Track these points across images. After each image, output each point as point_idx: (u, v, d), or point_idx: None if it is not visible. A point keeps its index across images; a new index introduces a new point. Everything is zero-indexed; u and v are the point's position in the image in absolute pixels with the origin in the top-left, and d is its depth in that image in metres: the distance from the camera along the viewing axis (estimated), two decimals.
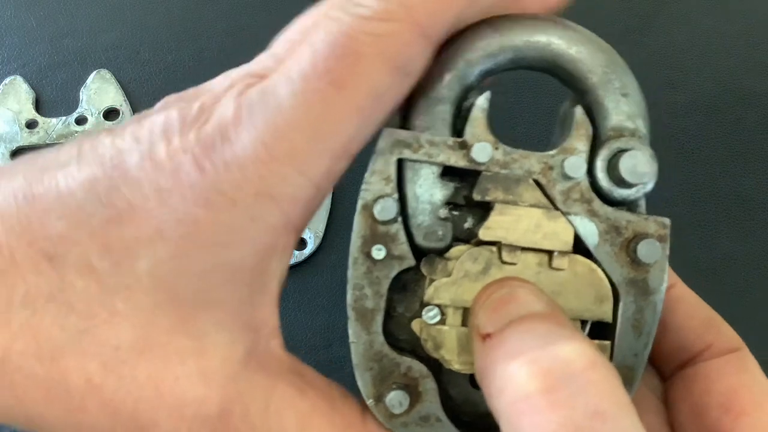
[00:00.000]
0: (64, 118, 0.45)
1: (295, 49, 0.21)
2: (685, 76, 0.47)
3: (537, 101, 0.44)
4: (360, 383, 0.23)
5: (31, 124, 0.44)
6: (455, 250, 0.24)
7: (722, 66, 0.47)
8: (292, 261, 0.42)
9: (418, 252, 0.23)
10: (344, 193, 0.43)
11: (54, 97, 0.46)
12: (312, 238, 0.42)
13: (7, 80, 0.45)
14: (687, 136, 0.45)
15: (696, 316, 0.25)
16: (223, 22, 0.47)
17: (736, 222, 0.43)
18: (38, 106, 0.45)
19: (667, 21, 0.47)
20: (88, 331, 0.20)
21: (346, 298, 0.23)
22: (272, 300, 0.22)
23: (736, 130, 0.46)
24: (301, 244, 0.42)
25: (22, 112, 0.45)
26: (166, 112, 0.21)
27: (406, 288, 0.24)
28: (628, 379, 0.23)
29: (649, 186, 0.24)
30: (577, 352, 0.18)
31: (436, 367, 0.24)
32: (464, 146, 0.23)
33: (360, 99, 0.20)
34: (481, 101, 0.24)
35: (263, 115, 0.20)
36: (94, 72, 0.45)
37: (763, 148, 0.45)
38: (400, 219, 0.23)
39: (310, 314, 0.41)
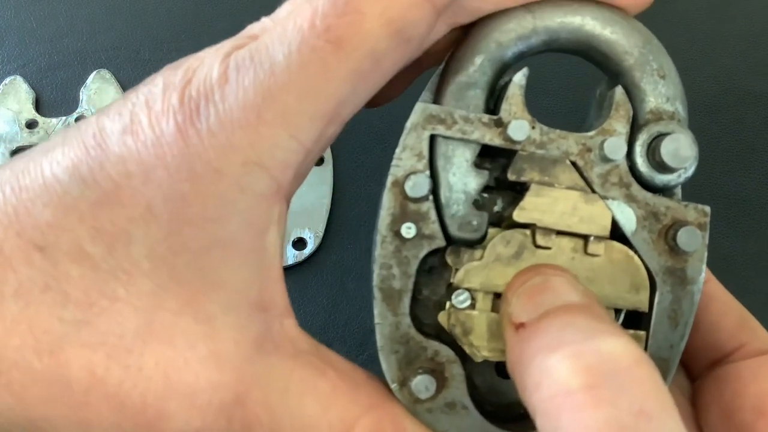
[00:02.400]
0: (64, 118, 0.45)
1: (296, 8, 0.20)
2: (685, 76, 0.47)
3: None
4: (384, 366, 0.22)
5: (31, 124, 0.44)
6: (489, 233, 0.23)
7: (722, 66, 0.47)
8: (292, 261, 0.42)
9: (450, 240, 0.22)
10: (344, 193, 0.43)
11: (54, 97, 0.46)
12: (312, 238, 0.42)
13: (7, 80, 0.45)
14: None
15: (730, 314, 0.25)
16: (223, 22, 0.47)
17: (736, 222, 0.43)
18: (38, 106, 0.45)
19: (667, 21, 0.47)
20: (89, 320, 0.19)
21: (373, 277, 0.22)
22: (277, 277, 0.21)
23: (736, 130, 0.46)
24: (301, 244, 0.42)
25: (22, 112, 0.45)
26: (152, 80, 0.20)
27: (432, 271, 0.23)
28: (662, 372, 0.23)
29: (691, 171, 0.23)
30: (622, 348, 0.18)
31: (460, 355, 0.23)
32: (500, 124, 0.22)
33: (358, 60, 0.19)
34: (519, 78, 0.23)
35: (253, 75, 0.19)
36: (94, 72, 0.45)
37: (763, 148, 0.45)
38: (431, 197, 0.22)
39: (310, 314, 0.41)
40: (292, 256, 0.42)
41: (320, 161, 0.44)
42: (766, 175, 0.45)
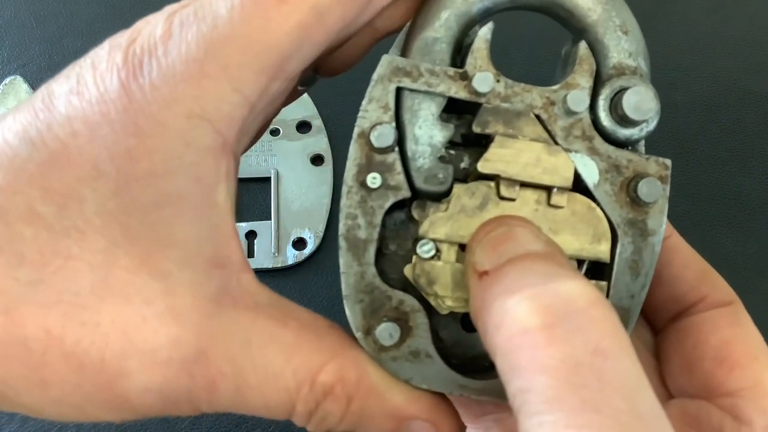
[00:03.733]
0: None
1: None
2: (685, 76, 0.47)
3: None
4: (349, 315, 0.22)
5: None
6: (454, 188, 0.23)
7: (722, 66, 0.47)
8: (292, 261, 0.42)
9: (416, 194, 0.23)
10: None
11: None
12: (312, 238, 0.42)
13: (7, 80, 0.45)
14: (687, 136, 0.45)
15: (691, 267, 0.25)
16: None
17: (736, 222, 0.43)
18: None
19: (667, 21, 0.47)
20: (43, 279, 0.19)
21: (339, 227, 0.22)
22: (230, 233, 0.21)
23: (736, 130, 0.46)
24: (301, 244, 0.42)
25: None
26: (101, 44, 0.20)
27: (399, 225, 0.23)
28: (623, 321, 0.22)
29: (652, 125, 0.23)
30: (579, 290, 0.18)
31: (426, 307, 0.23)
32: (465, 77, 0.23)
33: (301, 14, 0.20)
34: (484, 31, 0.23)
35: (196, 29, 0.19)
36: None
37: (763, 148, 0.45)
38: (396, 148, 0.22)
39: None
40: (292, 256, 0.42)
41: (320, 161, 0.44)
42: (765, 175, 0.45)
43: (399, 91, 0.23)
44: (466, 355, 0.24)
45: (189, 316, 0.19)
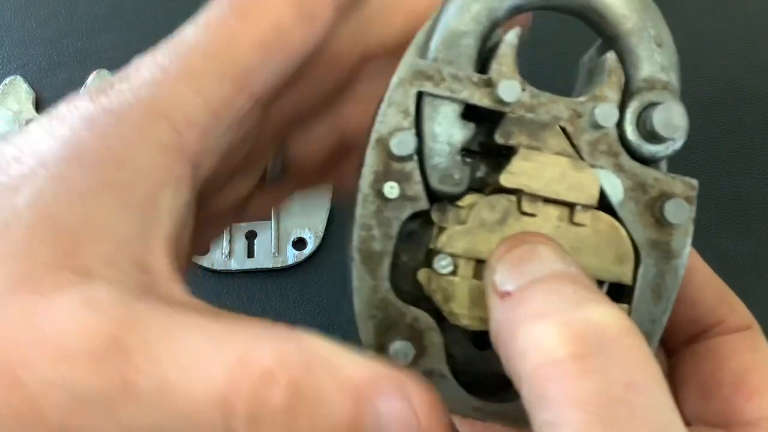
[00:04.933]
0: None
1: None
2: (685, 76, 0.47)
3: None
4: (361, 332, 0.21)
5: None
6: (468, 198, 0.22)
7: (722, 66, 0.47)
8: (292, 261, 0.42)
9: (431, 197, 0.22)
10: (344, 193, 0.43)
11: (54, 97, 0.46)
12: (312, 238, 0.42)
13: (7, 80, 0.45)
14: (687, 136, 0.45)
15: (710, 288, 0.24)
16: None
17: (736, 222, 0.43)
18: (38, 106, 0.45)
19: (667, 21, 0.47)
20: None
21: (352, 238, 0.21)
22: (164, 241, 0.20)
23: (736, 130, 0.46)
24: (301, 244, 0.42)
25: (22, 112, 0.45)
26: None
27: (411, 236, 0.22)
28: None
29: (679, 143, 0.22)
30: (611, 317, 0.17)
31: (439, 322, 0.22)
32: (490, 84, 0.22)
33: (262, 31, 0.20)
34: (511, 37, 0.22)
35: (164, 46, 0.20)
36: (94, 72, 0.45)
37: (763, 148, 0.45)
38: (416, 157, 0.21)
39: (309, 314, 0.41)
40: (292, 256, 0.42)
41: None
42: (765, 175, 0.45)
43: (420, 94, 0.22)
44: (477, 374, 0.23)
45: (102, 306, 0.17)
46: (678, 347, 0.24)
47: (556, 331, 0.17)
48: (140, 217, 0.19)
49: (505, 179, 0.22)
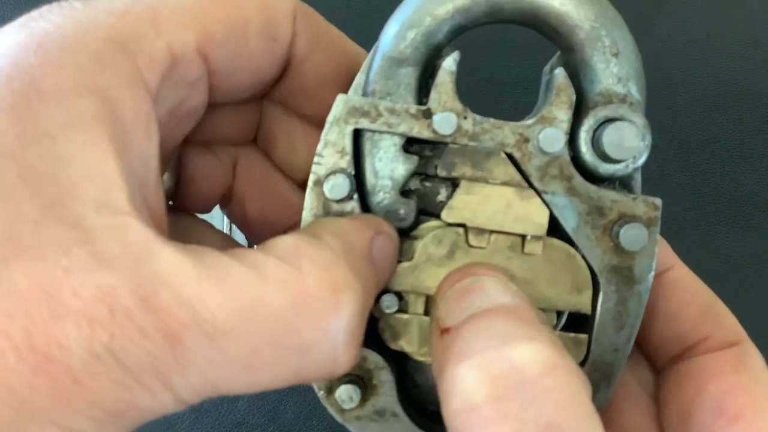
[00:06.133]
0: None
1: None
2: (685, 76, 0.47)
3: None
4: None
5: None
6: (425, 227, 0.21)
7: (722, 66, 0.47)
8: None
9: None
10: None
11: None
12: None
13: None
14: (687, 136, 0.45)
15: (693, 303, 0.23)
16: None
17: (736, 222, 0.43)
18: None
19: (667, 21, 0.47)
20: None
21: None
22: (154, 177, 0.18)
23: (736, 130, 0.46)
24: None
25: None
26: None
27: None
28: (606, 376, 0.21)
29: (640, 161, 0.21)
30: (534, 355, 0.16)
31: (401, 354, 0.22)
32: (429, 115, 0.21)
33: (232, 14, 0.20)
34: (449, 63, 0.21)
35: None
36: None
37: (763, 148, 0.45)
38: (356, 196, 0.21)
39: None
40: None
41: None
42: (765, 175, 0.45)
43: (357, 132, 0.21)
44: None
45: (119, 262, 0.15)
46: (664, 366, 0.23)
47: (475, 374, 0.16)
48: (121, 152, 0.17)
49: (447, 215, 0.21)
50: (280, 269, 0.17)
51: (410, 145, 0.21)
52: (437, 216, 0.21)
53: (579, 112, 0.21)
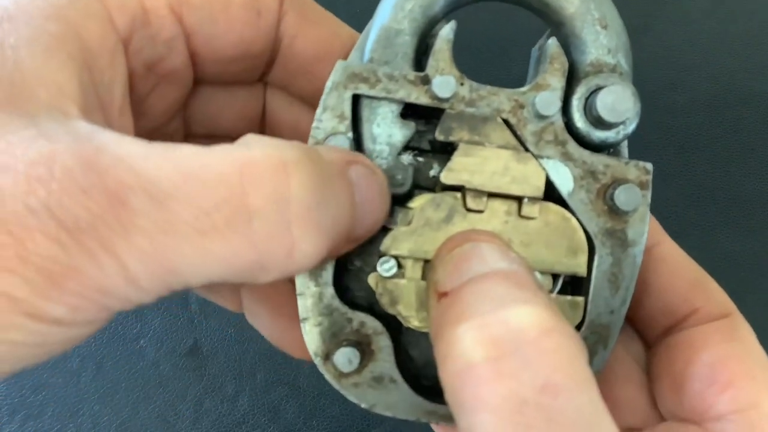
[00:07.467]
0: None
1: None
2: (685, 76, 0.47)
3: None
4: (307, 339, 0.21)
5: None
6: (419, 199, 0.21)
7: (722, 66, 0.47)
8: None
9: None
10: None
11: None
12: None
13: None
14: (687, 136, 0.45)
15: (682, 276, 0.23)
16: None
17: (736, 222, 0.43)
18: None
19: (667, 21, 0.47)
20: None
21: None
22: (115, 96, 0.19)
23: (736, 130, 0.46)
24: None
25: None
26: None
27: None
28: (603, 339, 0.21)
29: (631, 127, 0.21)
30: (531, 318, 0.16)
31: (395, 325, 0.22)
32: (426, 81, 0.21)
33: None
34: (446, 31, 0.22)
35: None
36: None
37: (763, 148, 0.45)
38: None
39: None
40: None
41: None
42: (765, 175, 0.45)
43: (356, 96, 0.21)
44: (436, 376, 0.23)
45: (63, 137, 0.16)
46: (655, 339, 0.24)
47: (473, 335, 0.16)
48: (84, 69, 0.18)
49: (446, 176, 0.21)
50: (228, 147, 0.17)
51: (405, 117, 0.22)
52: (430, 189, 0.22)
53: (570, 83, 0.22)
